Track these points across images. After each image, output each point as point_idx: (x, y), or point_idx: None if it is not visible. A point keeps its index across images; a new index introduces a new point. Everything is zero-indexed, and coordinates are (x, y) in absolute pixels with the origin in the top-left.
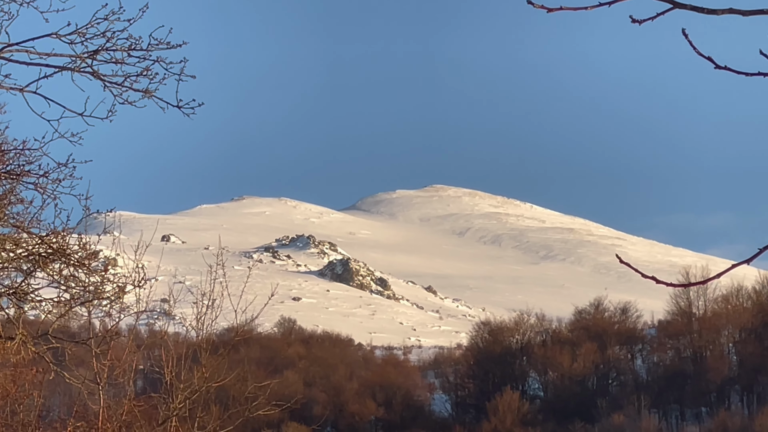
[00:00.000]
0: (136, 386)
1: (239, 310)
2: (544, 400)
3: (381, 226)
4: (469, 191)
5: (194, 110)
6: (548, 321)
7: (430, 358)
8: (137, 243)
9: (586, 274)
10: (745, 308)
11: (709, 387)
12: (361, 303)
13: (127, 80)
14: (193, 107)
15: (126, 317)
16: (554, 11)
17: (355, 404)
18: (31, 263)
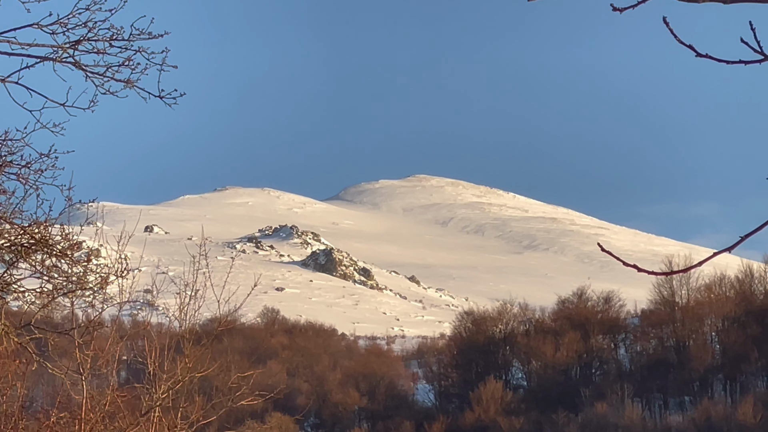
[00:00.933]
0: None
1: (222, 300)
2: (527, 389)
3: (364, 216)
4: (452, 181)
5: (176, 100)
6: (531, 310)
7: (413, 347)
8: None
9: (569, 263)
10: (727, 297)
11: (692, 376)
12: (345, 293)
13: (108, 70)
14: (175, 97)
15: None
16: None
17: (338, 394)
18: (14, 254)
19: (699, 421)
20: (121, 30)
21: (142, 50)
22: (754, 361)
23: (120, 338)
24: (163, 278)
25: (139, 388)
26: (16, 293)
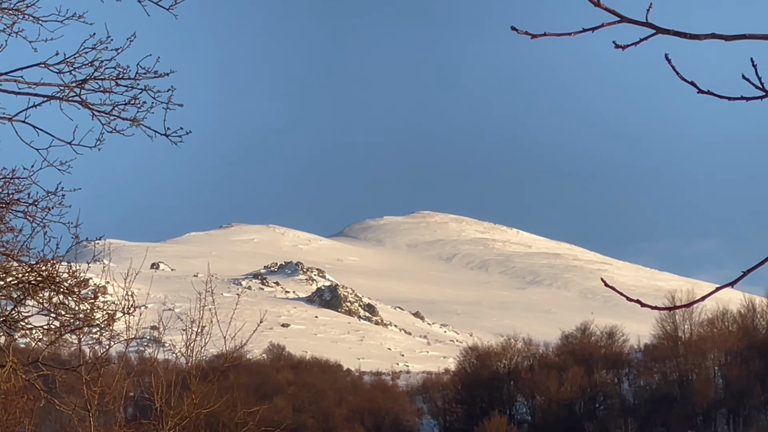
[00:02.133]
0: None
1: (228, 336)
2: (531, 424)
3: (369, 253)
4: (455, 217)
5: (182, 138)
6: (535, 345)
7: (418, 383)
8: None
9: (572, 298)
10: (730, 332)
11: (695, 410)
12: (350, 329)
13: (115, 109)
14: (181, 135)
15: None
16: (538, 37)
17: (344, 430)
18: (21, 291)
19: None
20: (128, 69)
21: (148, 89)
22: (757, 396)
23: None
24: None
25: (147, 424)
26: (23, 330)
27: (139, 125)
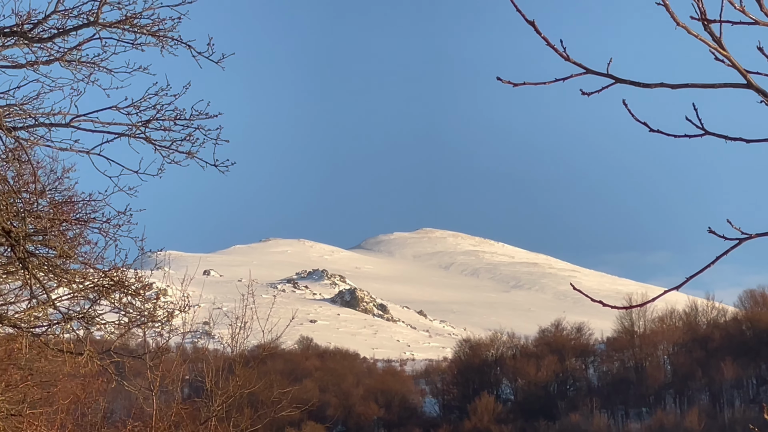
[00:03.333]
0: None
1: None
2: (514, 402)
3: (381, 262)
4: (452, 233)
5: (228, 168)
6: (517, 338)
7: (421, 368)
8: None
9: (547, 300)
10: (677, 327)
11: (648, 391)
12: (365, 324)
13: (173, 144)
14: (227, 165)
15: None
16: (519, 85)
17: (361, 407)
18: (97, 293)
19: (654, 429)
20: (183, 111)
21: (201, 128)
22: (699, 379)
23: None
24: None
25: (199, 401)
26: (98, 325)
27: (193, 157)
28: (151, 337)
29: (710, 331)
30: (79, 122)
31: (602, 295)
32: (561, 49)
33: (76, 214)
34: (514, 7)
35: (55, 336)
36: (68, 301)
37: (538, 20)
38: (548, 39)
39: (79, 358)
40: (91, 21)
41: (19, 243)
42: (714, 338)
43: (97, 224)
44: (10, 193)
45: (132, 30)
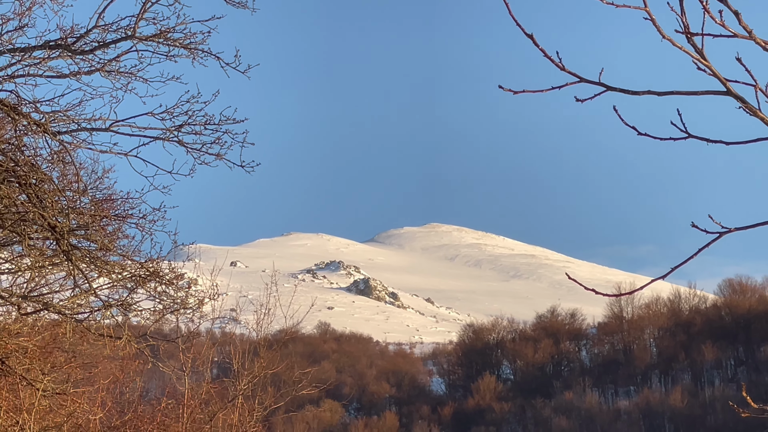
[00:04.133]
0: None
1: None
2: (513, 381)
3: (392, 254)
4: (457, 227)
5: (253, 168)
6: (516, 323)
7: (429, 351)
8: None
9: (544, 288)
10: (661, 313)
11: (635, 371)
12: (378, 311)
13: (203, 147)
14: (253, 166)
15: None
16: (518, 93)
17: (374, 386)
18: (134, 282)
19: (641, 405)
20: (213, 117)
21: (228, 132)
22: (682, 360)
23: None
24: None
25: (227, 381)
26: (136, 311)
27: (221, 159)
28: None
29: (692, 316)
30: (118, 127)
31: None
32: (557, 59)
33: (116, 210)
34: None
35: (96, 322)
36: (108, 289)
37: (536, 32)
38: (545, 51)
39: (118, 342)
40: (129, 35)
41: (63, 237)
42: (696, 323)
43: (135, 220)
44: (55, 192)
45: (166, 43)
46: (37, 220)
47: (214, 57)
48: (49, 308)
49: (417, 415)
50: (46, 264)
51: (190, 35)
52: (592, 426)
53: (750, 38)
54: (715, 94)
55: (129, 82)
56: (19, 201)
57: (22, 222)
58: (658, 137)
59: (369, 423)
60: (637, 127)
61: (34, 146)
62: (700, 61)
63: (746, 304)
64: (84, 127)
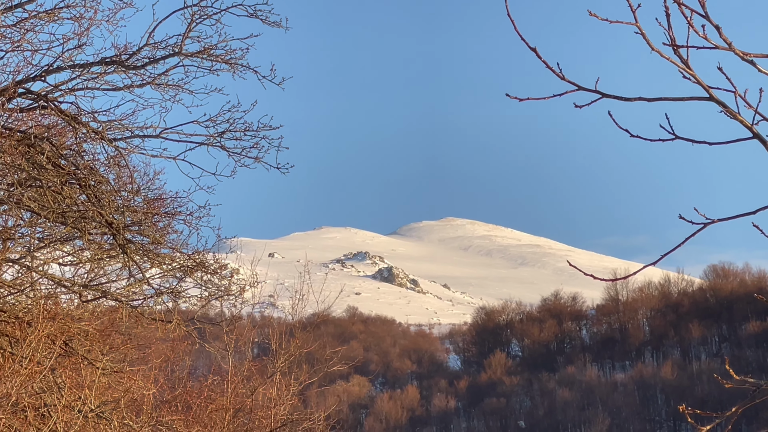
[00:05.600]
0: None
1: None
2: (521, 357)
3: (413, 245)
4: (470, 221)
5: (288, 170)
6: (524, 306)
7: (446, 331)
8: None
9: (548, 274)
10: (653, 296)
11: (630, 348)
12: (400, 296)
13: (243, 151)
14: (288, 168)
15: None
16: (524, 100)
17: (397, 362)
18: (183, 272)
19: (635, 378)
20: (251, 124)
21: (266, 137)
22: (672, 338)
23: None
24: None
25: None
26: (184, 298)
27: (259, 161)
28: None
29: (681, 298)
30: (167, 134)
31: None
32: (558, 70)
33: (166, 208)
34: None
35: (149, 307)
36: (159, 279)
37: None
38: (547, 62)
39: (169, 325)
40: (176, 52)
41: (119, 232)
42: (684, 304)
43: (182, 217)
44: (112, 192)
45: (209, 59)
46: (96, 217)
47: (252, 71)
48: (108, 296)
49: (436, 388)
50: (104, 256)
51: (231, 51)
52: (591, 397)
53: (730, 49)
54: (699, 100)
55: (176, 93)
56: (79, 201)
57: (82, 219)
58: (649, 138)
59: (393, 396)
60: (630, 130)
61: (93, 152)
62: (685, 70)
63: (729, 287)
64: (137, 135)
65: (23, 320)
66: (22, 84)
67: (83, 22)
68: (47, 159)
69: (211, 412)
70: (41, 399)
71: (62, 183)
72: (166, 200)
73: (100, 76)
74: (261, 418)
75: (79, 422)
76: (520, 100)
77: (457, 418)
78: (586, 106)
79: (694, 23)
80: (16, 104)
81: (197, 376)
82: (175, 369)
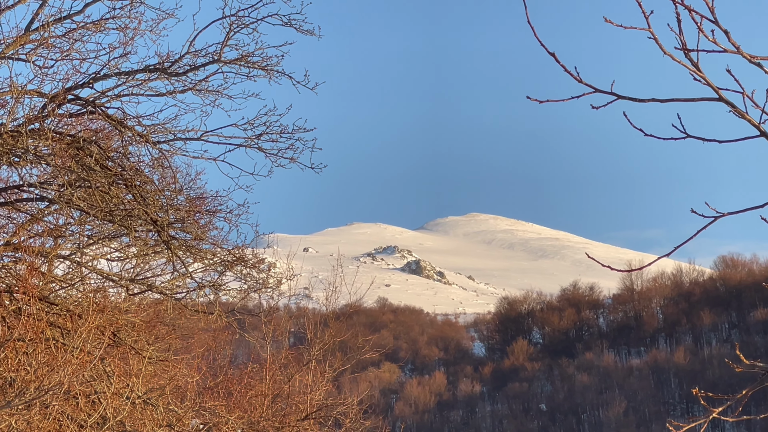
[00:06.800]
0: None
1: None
2: (542, 344)
3: (439, 239)
4: (493, 216)
5: (321, 169)
6: (544, 296)
7: (471, 320)
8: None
9: (567, 266)
10: (666, 285)
11: (645, 335)
12: (428, 287)
13: (279, 152)
14: (321, 168)
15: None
16: (543, 102)
17: (425, 350)
18: (223, 266)
19: (650, 363)
20: (287, 127)
21: (300, 139)
22: (684, 325)
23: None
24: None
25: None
26: (225, 291)
27: (295, 162)
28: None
29: (692, 287)
30: (208, 137)
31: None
32: (575, 73)
33: (207, 206)
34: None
35: (192, 300)
36: (202, 273)
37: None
38: (566, 66)
39: (211, 317)
40: (216, 59)
41: (164, 229)
42: (695, 293)
43: (223, 214)
44: (156, 192)
45: (246, 65)
46: (141, 215)
47: (287, 76)
48: (153, 289)
49: (461, 374)
50: (149, 252)
51: (267, 58)
52: (609, 381)
53: (738, 53)
54: (709, 101)
55: (216, 98)
56: (126, 200)
57: (129, 217)
58: (662, 137)
59: (421, 381)
60: (644, 129)
61: (138, 154)
62: (696, 72)
63: (738, 277)
64: (179, 137)
65: (74, 313)
66: (71, 91)
67: (128, 32)
68: (95, 161)
69: (250, 398)
70: (92, 387)
71: (109, 183)
72: (207, 199)
73: (144, 83)
74: (297, 403)
75: (127, 408)
76: (540, 102)
77: (482, 401)
78: (602, 108)
79: (704, 28)
80: (66, 110)
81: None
82: (216, 357)
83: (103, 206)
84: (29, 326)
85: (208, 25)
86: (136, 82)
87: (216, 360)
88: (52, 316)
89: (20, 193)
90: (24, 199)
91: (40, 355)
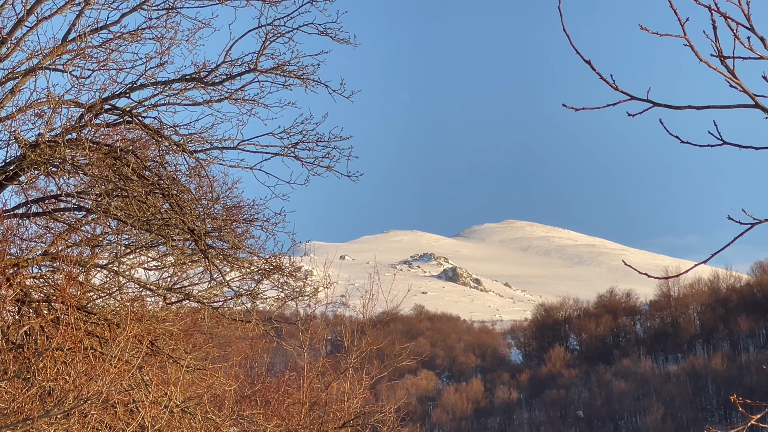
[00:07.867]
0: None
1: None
2: (579, 351)
3: (475, 246)
4: (529, 223)
5: (358, 177)
6: (581, 302)
7: (508, 327)
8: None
9: (603, 273)
10: (703, 291)
11: (682, 341)
12: (464, 294)
13: (316, 161)
14: (357, 176)
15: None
16: (580, 110)
17: (462, 357)
18: (260, 275)
19: (687, 369)
20: (323, 135)
21: (336, 148)
22: (721, 331)
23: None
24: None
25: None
26: (262, 299)
27: (331, 170)
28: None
29: (729, 294)
30: (244, 146)
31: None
32: (611, 81)
33: (244, 215)
34: (575, 50)
35: (229, 308)
36: (239, 281)
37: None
38: (602, 74)
39: (248, 325)
40: (252, 68)
41: (201, 238)
42: (732, 299)
43: (259, 223)
44: (193, 201)
45: (282, 74)
46: (178, 224)
47: (323, 85)
48: (190, 298)
49: (499, 381)
50: (186, 261)
51: (303, 67)
52: (646, 387)
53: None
54: (745, 107)
55: (252, 107)
56: (163, 209)
57: (166, 226)
58: (699, 144)
59: (459, 388)
60: (680, 136)
61: (175, 163)
62: (731, 79)
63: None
64: (216, 146)
65: (112, 322)
66: (108, 101)
67: (164, 42)
68: (132, 170)
69: (288, 406)
70: (130, 395)
71: (147, 193)
72: (244, 208)
73: (180, 92)
74: (335, 411)
75: (166, 417)
76: (576, 110)
77: (519, 408)
78: (638, 115)
79: (740, 35)
80: (103, 120)
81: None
82: (254, 366)
83: (140, 215)
84: (67, 336)
85: (244, 34)
86: (172, 91)
87: (253, 368)
88: (90, 326)
89: (58, 202)
90: (61, 209)
91: (78, 364)
